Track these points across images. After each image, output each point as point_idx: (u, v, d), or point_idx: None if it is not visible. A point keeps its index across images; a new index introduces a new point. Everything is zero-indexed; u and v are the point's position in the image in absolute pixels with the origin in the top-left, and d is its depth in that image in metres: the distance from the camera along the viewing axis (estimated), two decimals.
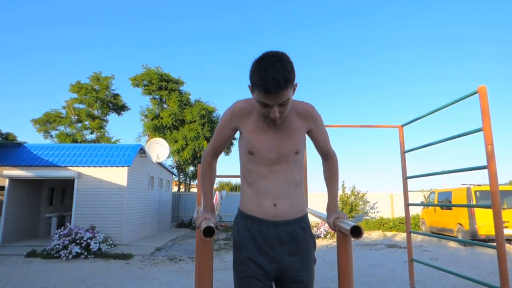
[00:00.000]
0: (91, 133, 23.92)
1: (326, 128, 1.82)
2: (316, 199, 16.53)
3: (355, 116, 44.97)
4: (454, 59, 42.19)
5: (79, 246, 8.81)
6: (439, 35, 42.31)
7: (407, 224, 4.10)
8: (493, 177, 2.62)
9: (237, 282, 1.74)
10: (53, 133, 23.31)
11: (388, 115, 43.11)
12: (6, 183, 10.86)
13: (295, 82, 1.55)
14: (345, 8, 45.77)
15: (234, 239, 1.80)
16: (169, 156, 20.25)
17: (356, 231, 1.37)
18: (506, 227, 9.94)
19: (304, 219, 1.77)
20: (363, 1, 43.53)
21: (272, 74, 1.42)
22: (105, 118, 24.25)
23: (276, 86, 1.42)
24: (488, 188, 10.60)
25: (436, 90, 41.60)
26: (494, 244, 2.61)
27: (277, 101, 1.48)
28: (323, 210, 2.19)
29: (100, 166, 11.16)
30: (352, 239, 1.43)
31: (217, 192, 13.18)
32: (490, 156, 2.64)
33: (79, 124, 23.44)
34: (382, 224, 16.04)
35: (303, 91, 44.86)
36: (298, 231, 1.71)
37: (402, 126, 4.20)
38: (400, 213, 17.86)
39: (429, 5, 42.35)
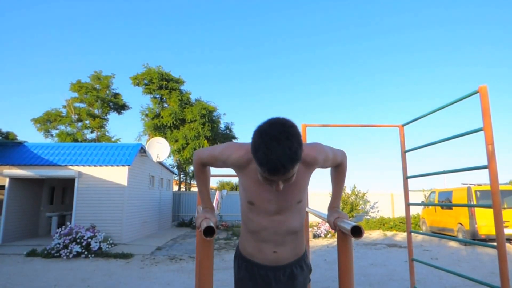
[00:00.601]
0: (92, 132, 23.91)
1: (327, 128, 1.81)
2: (317, 198, 16.54)
3: (355, 116, 44.95)
4: (455, 59, 42.17)
5: (79, 246, 8.81)
6: (440, 35, 42.29)
7: (408, 223, 4.09)
8: (493, 176, 2.62)
9: None
10: (54, 132, 23.31)
11: (389, 115, 43.09)
12: (6, 182, 10.86)
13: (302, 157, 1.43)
14: (345, 8, 45.75)
15: (235, 275, 1.88)
16: (169, 156, 20.24)
17: (357, 231, 1.37)
18: (506, 226, 9.93)
19: (302, 257, 1.81)
20: (365, 1, 43.51)
21: (278, 155, 1.28)
22: (105, 117, 24.24)
23: (282, 169, 1.30)
24: (488, 187, 10.59)
25: (437, 90, 41.58)
26: (495, 243, 2.61)
27: (281, 178, 1.38)
28: (323, 209, 2.19)
29: (100, 166, 11.16)
30: (353, 239, 1.42)
31: (217, 192, 13.17)
32: (491, 155, 2.63)
33: (80, 123, 23.43)
34: (382, 223, 16.04)
35: (304, 90, 44.87)
36: (296, 271, 1.76)
37: (403, 125, 4.20)
38: (400, 212, 17.85)
39: (430, 5, 42.32)
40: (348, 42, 45.16)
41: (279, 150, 1.28)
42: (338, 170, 1.83)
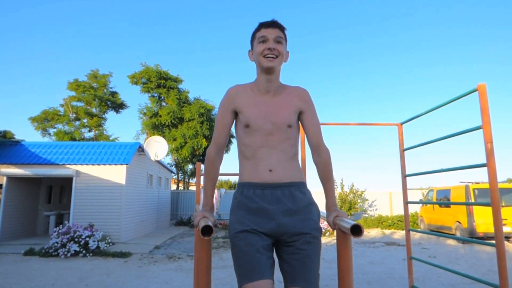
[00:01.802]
0: (89, 131, 23.84)
1: (326, 126, 1.81)
2: (316, 197, 16.53)
3: (354, 114, 45.01)
4: (453, 58, 42.23)
5: (77, 244, 8.79)
6: (440, 34, 42.34)
7: (406, 222, 4.09)
8: (492, 174, 2.61)
9: (236, 257, 1.61)
10: (51, 131, 23.22)
11: (387, 113, 43.15)
12: (3, 181, 10.83)
13: (287, 50, 1.86)
14: (343, 6, 45.75)
15: (232, 208, 1.75)
16: (167, 154, 20.25)
17: (356, 230, 1.37)
18: (505, 224, 9.97)
19: (303, 185, 1.76)
20: (364, 0, 43.50)
21: (270, 20, 1.80)
22: (103, 116, 24.17)
23: (273, 21, 1.78)
24: (486, 186, 10.62)
25: (435, 89, 41.64)
26: (493, 241, 2.61)
27: (273, 33, 1.75)
28: (322, 208, 2.18)
29: (98, 164, 11.14)
30: (352, 237, 1.42)
31: (216, 191, 13.17)
32: (490, 153, 2.63)
33: (77, 122, 23.35)
34: (380, 222, 16.08)
35: (308, 90, 44.73)
36: (296, 193, 1.70)
37: (401, 124, 4.19)
38: (398, 211, 17.89)
39: (429, 4, 42.36)
40: (345, 40, 45.17)
41: (270, 19, 1.80)
42: (325, 163, 1.81)
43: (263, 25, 1.79)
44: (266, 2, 46.24)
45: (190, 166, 23.16)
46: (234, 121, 1.87)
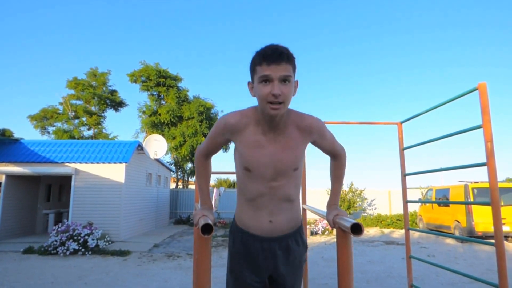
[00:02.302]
0: (89, 129, 23.82)
1: (326, 125, 1.78)
2: (315, 196, 16.56)
3: (354, 113, 45.00)
4: (454, 57, 42.24)
5: (76, 243, 8.79)
6: (439, 32, 42.33)
7: (406, 221, 4.09)
8: (492, 174, 2.61)
9: (232, 286, 1.80)
10: (50, 129, 23.19)
11: (387, 112, 43.15)
12: (2, 179, 10.82)
13: (296, 79, 1.55)
14: (344, 6, 45.71)
15: (229, 249, 1.83)
16: (167, 153, 20.25)
17: (356, 229, 1.36)
18: (504, 224, 9.98)
19: (298, 231, 1.79)
20: (365, 3, 43.46)
21: (274, 46, 1.46)
22: (102, 114, 24.14)
23: (278, 53, 1.43)
24: (485, 185, 10.63)
25: (436, 90, 41.65)
26: (492, 241, 2.60)
27: (278, 72, 1.43)
28: (321, 206, 2.18)
29: (97, 163, 11.12)
30: (352, 236, 1.41)
31: (215, 189, 13.16)
32: (490, 153, 2.62)
33: (76, 121, 23.33)
34: (379, 221, 16.09)
35: (304, 88, 44.76)
36: (291, 244, 1.74)
37: (401, 123, 4.19)
38: (397, 210, 17.92)
39: (428, 3, 42.34)
40: (347, 43, 45.15)
41: (275, 45, 1.47)
42: (337, 166, 1.81)
43: (265, 59, 1.44)
44: (266, 1, 46.18)
45: (190, 165, 23.15)
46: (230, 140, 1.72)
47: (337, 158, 1.80)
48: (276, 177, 1.61)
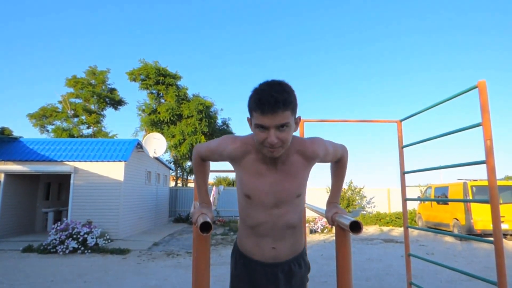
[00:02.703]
0: (88, 127, 23.78)
1: (326, 123, 1.78)
2: (315, 194, 16.57)
3: (354, 111, 44.99)
4: (453, 55, 42.21)
5: (75, 241, 8.78)
6: (438, 30, 42.29)
7: (405, 219, 4.09)
8: (491, 172, 2.61)
9: None
10: (49, 127, 23.15)
11: (387, 110, 43.15)
12: (1, 177, 10.80)
13: (298, 116, 1.49)
14: (343, 6, 45.63)
15: (231, 270, 1.84)
16: (166, 151, 20.19)
17: (356, 226, 1.36)
18: (502, 222, 9.99)
19: (301, 254, 1.77)
20: (365, 6, 43.40)
21: (270, 92, 1.35)
22: (101, 112, 24.11)
23: (273, 103, 1.33)
24: (484, 183, 10.65)
25: (435, 86, 41.62)
26: (491, 239, 2.61)
27: (274, 121, 1.36)
28: (320, 204, 2.18)
29: (96, 161, 11.11)
30: (351, 234, 1.41)
31: (214, 187, 13.14)
32: (489, 151, 2.62)
33: (76, 119, 23.29)
34: (379, 219, 16.11)
35: (303, 87, 44.80)
36: (294, 268, 1.73)
37: (401, 121, 4.19)
38: (396, 208, 17.94)
39: (430, 7, 42.28)
40: (346, 37, 45.11)
41: (271, 90, 1.37)
42: (339, 165, 1.80)
43: (260, 108, 1.35)
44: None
45: (189, 163, 23.13)
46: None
47: (340, 159, 1.79)
48: (278, 205, 1.59)
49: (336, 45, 45.20)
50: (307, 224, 13.13)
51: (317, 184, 18.83)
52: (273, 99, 1.33)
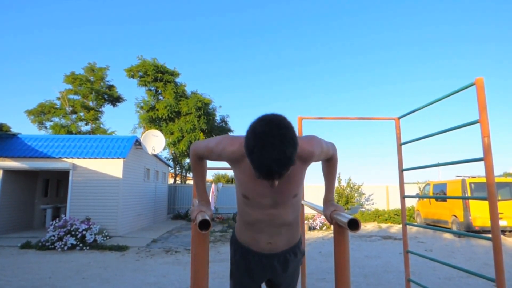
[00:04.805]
0: (86, 124, 23.71)
1: (324, 121, 1.79)
2: (313, 191, 16.58)
3: (352, 109, 45.00)
4: (453, 54, 42.21)
5: (74, 238, 8.78)
6: (437, 30, 42.25)
7: (403, 216, 4.10)
8: (489, 169, 2.61)
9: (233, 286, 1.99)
10: (48, 124, 23.07)
11: (385, 108, 43.16)
12: (0, 174, 10.78)
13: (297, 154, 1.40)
14: (343, 5, 45.53)
15: (231, 257, 1.96)
16: (165, 148, 20.20)
17: (354, 224, 1.36)
18: (501, 218, 10.03)
19: (297, 245, 1.86)
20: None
21: (272, 159, 1.24)
22: (100, 109, 24.03)
23: (276, 175, 1.29)
24: (482, 180, 10.67)
25: (434, 85, 41.64)
26: (489, 235, 2.61)
27: (276, 179, 1.34)
28: (319, 202, 2.18)
29: (95, 158, 11.10)
30: (349, 231, 1.41)
31: (213, 185, 13.15)
32: (487, 148, 2.62)
33: (74, 116, 23.21)
34: (377, 216, 16.14)
35: (300, 84, 44.78)
36: (289, 257, 1.84)
37: (399, 118, 4.18)
38: (395, 205, 17.98)
39: (427, 4, 42.22)
40: (346, 37, 45.04)
41: (274, 155, 1.23)
42: (330, 164, 1.81)
43: (261, 172, 1.29)
44: None
45: (187, 160, 23.10)
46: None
47: (331, 158, 1.80)
48: (275, 206, 1.61)
49: (334, 41, 45.15)
50: (305, 221, 13.16)
51: (314, 181, 18.85)
52: (275, 172, 1.27)
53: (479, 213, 10.36)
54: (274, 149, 1.23)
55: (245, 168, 1.55)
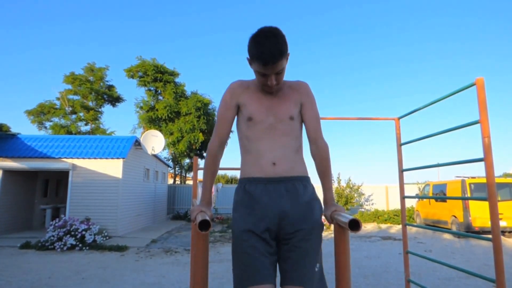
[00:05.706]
0: (86, 124, 23.71)
1: (325, 121, 1.80)
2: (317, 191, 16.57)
3: (352, 109, 45.02)
4: (452, 54, 42.21)
5: (74, 238, 8.78)
6: (437, 29, 42.27)
7: (403, 216, 4.10)
8: (489, 169, 2.61)
9: (238, 257, 1.63)
10: (47, 124, 23.07)
11: (385, 108, 43.18)
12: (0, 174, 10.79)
13: (288, 53, 1.71)
14: (342, 5, 45.54)
15: (234, 201, 1.80)
16: (164, 148, 20.17)
17: (354, 225, 1.36)
18: (501, 219, 10.03)
19: (306, 180, 1.78)
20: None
21: (269, 47, 1.59)
22: (99, 109, 24.03)
23: (272, 58, 1.60)
24: (482, 180, 10.67)
25: (434, 85, 41.66)
26: (489, 236, 2.61)
27: (273, 71, 1.65)
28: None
29: (95, 158, 11.09)
30: (350, 232, 1.41)
31: (212, 185, 13.15)
32: (487, 148, 2.62)
33: (74, 116, 23.20)
34: (377, 216, 16.14)
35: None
36: (299, 187, 1.71)
37: (399, 118, 4.18)
38: (395, 205, 17.97)
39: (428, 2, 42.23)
40: (345, 36, 45.04)
41: (269, 44, 1.60)
42: (322, 161, 1.80)
43: (261, 60, 1.62)
44: None
45: (187, 161, 23.11)
46: (236, 116, 1.85)
47: (320, 147, 1.79)
48: (275, 124, 1.75)
49: (335, 41, 45.15)
50: None
51: (314, 180, 18.81)
52: (272, 55, 1.59)
53: (479, 214, 10.36)
54: (269, 40, 1.61)
55: (250, 94, 1.80)
